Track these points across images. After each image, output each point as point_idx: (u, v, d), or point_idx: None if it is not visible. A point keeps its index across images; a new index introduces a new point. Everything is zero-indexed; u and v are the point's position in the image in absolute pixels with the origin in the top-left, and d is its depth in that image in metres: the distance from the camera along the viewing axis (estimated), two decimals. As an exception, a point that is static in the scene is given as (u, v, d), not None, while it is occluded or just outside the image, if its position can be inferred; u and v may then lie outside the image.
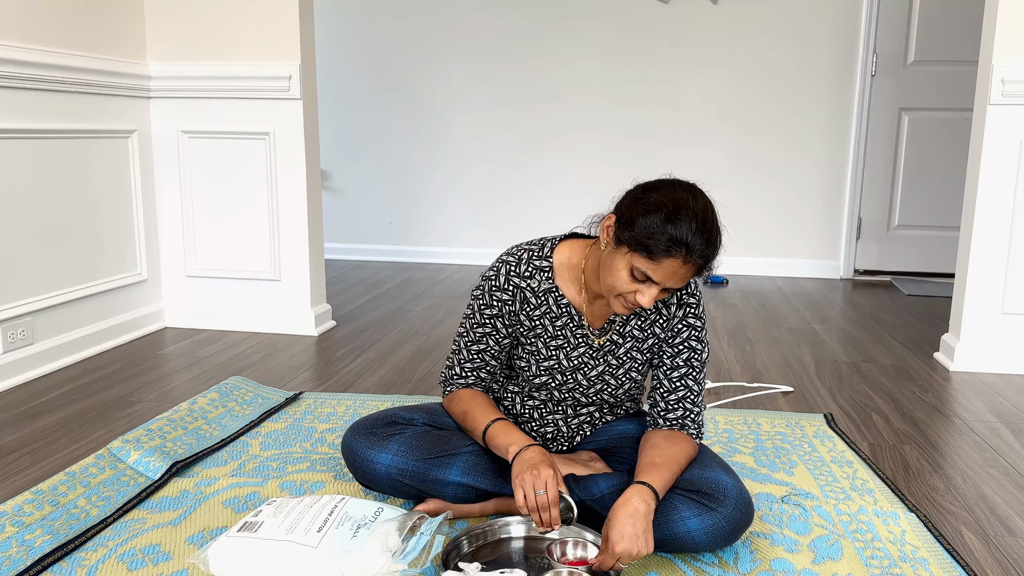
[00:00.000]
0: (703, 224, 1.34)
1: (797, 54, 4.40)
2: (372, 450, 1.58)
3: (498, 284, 1.56)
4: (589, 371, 1.59)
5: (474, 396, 1.59)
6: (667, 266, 1.34)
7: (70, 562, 1.45)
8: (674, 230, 1.32)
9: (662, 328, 1.56)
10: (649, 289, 1.37)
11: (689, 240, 1.32)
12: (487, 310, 1.57)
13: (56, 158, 2.66)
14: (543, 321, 1.57)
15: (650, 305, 1.37)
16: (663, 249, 1.32)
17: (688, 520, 1.40)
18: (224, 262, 3.16)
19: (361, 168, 4.88)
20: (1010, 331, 2.76)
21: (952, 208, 4.35)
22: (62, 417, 2.22)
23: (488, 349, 1.59)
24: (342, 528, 1.38)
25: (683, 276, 1.36)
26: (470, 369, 1.61)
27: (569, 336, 1.57)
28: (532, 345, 1.59)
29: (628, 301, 1.41)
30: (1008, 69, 2.62)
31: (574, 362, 1.58)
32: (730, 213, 4.55)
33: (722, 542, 1.43)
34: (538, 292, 1.56)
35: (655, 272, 1.35)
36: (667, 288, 1.38)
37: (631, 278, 1.37)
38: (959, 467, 1.97)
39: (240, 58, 3.01)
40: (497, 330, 1.58)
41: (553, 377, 1.60)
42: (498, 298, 1.56)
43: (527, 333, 1.58)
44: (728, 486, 1.43)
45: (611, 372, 1.59)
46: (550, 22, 4.54)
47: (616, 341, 1.58)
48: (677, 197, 1.36)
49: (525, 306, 1.56)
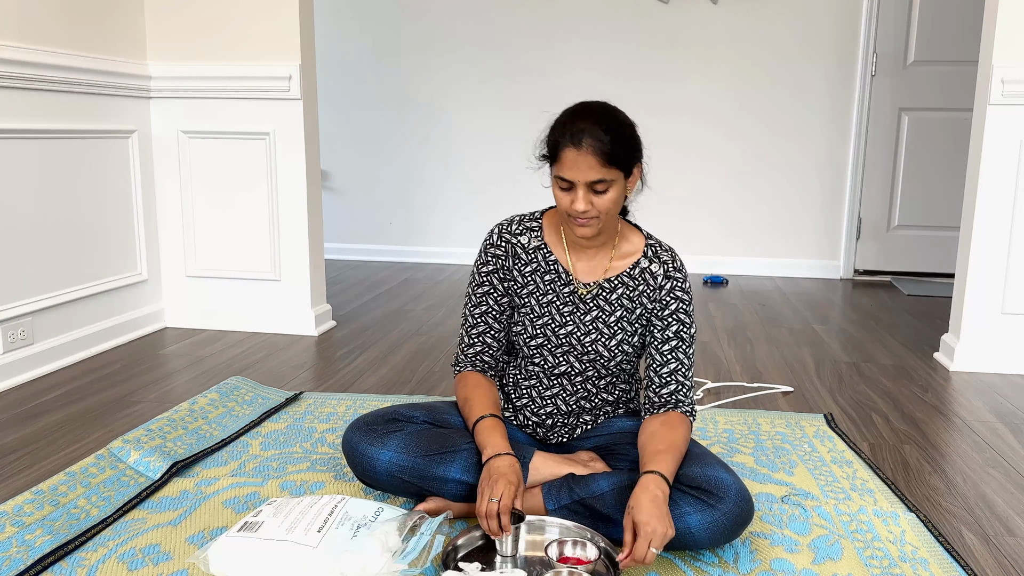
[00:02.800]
0: (589, 111, 1.48)
1: (797, 54, 4.40)
2: (372, 446, 1.59)
3: (492, 241, 1.66)
4: (583, 335, 1.62)
5: (479, 384, 1.63)
6: (567, 158, 1.45)
7: (70, 562, 1.45)
8: (560, 124, 1.49)
9: (650, 299, 1.61)
10: (576, 192, 1.48)
11: (574, 125, 1.45)
12: (484, 267, 1.66)
13: (56, 158, 2.66)
14: (534, 278, 1.64)
15: (585, 206, 1.47)
16: (557, 144, 1.47)
17: (688, 516, 1.40)
18: (224, 262, 3.16)
19: (361, 168, 4.88)
20: (1010, 331, 2.76)
21: (952, 208, 4.35)
22: (62, 417, 2.22)
23: (489, 311, 1.66)
24: (342, 528, 1.38)
25: (589, 165, 1.44)
26: (476, 335, 1.66)
27: (558, 291, 1.63)
28: (526, 305, 1.64)
29: (573, 215, 1.50)
30: (1008, 69, 2.62)
31: (565, 318, 1.63)
32: (730, 213, 4.60)
33: (722, 539, 1.43)
34: (528, 249, 1.64)
35: (564, 170, 1.47)
36: (593, 186, 1.46)
37: (561, 192, 1.50)
38: (959, 467, 1.97)
39: (240, 58, 3.01)
40: (495, 287, 1.65)
41: (548, 338, 1.63)
42: (493, 254, 1.65)
43: (520, 291, 1.65)
44: (728, 483, 1.43)
45: (603, 343, 1.61)
46: (551, 23, 4.54)
47: (603, 307, 1.62)
48: (569, 108, 1.52)
49: (517, 262, 1.64)
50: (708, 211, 4.59)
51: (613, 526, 1.46)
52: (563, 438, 1.70)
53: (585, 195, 1.47)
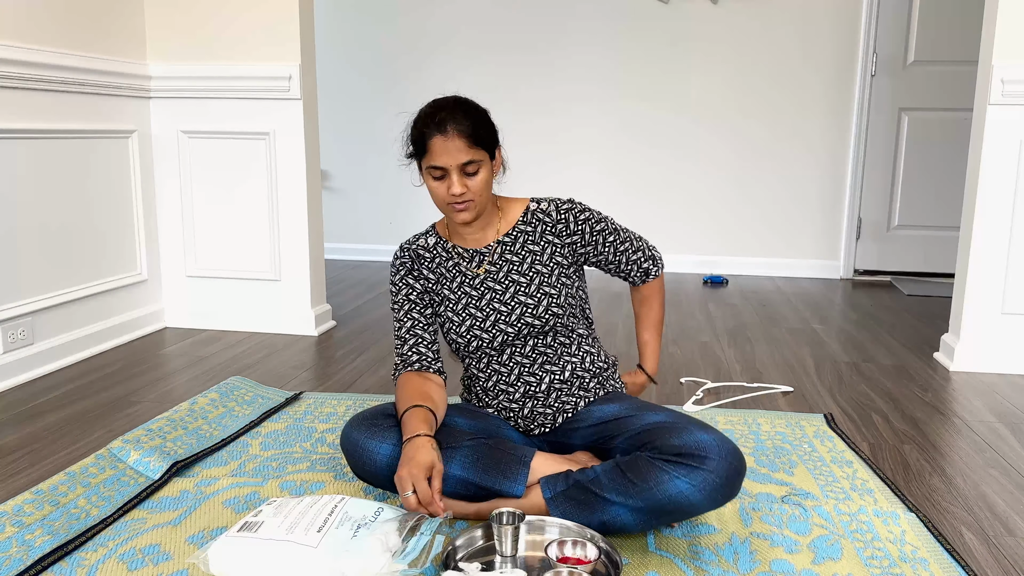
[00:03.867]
0: (446, 102, 1.59)
1: (797, 54, 4.40)
2: (373, 440, 1.58)
3: (397, 255, 1.76)
4: (503, 294, 1.67)
5: (404, 384, 1.66)
6: (436, 146, 1.55)
7: (70, 562, 1.45)
8: (420, 118, 1.59)
9: (555, 235, 1.69)
10: (450, 177, 1.56)
11: (435, 115, 1.55)
12: (396, 275, 1.74)
13: (56, 158, 2.66)
14: (440, 269, 1.73)
15: (461, 188, 1.56)
16: (423, 135, 1.57)
17: (677, 480, 1.41)
18: (224, 262, 3.16)
19: (361, 168, 4.88)
20: (1010, 331, 2.76)
21: (952, 208, 4.35)
22: (62, 417, 2.22)
23: (413, 307, 1.73)
24: (342, 528, 1.38)
25: (458, 147, 1.54)
26: (408, 349, 1.71)
27: (463, 270, 1.71)
28: (445, 299, 1.71)
29: (452, 201, 1.58)
30: (1008, 69, 2.62)
31: (479, 290, 1.68)
32: (730, 213, 4.60)
33: (719, 498, 1.42)
34: (428, 247, 1.75)
35: (435, 158, 1.56)
36: (464, 168, 1.55)
37: (435, 181, 1.59)
38: (959, 467, 1.97)
39: (240, 58, 3.01)
40: (412, 286, 1.73)
41: (473, 316, 1.68)
42: (401, 263, 1.75)
43: (435, 287, 1.73)
44: (707, 442, 1.43)
45: (523, 291, 1.67)
46: (550, 24, 4.55)
47: (511, 260, 1.68)
48: (424, 106, 1.61)
49: (422, 261, 1.74)
50: (708, 211, 4.59)
51: (610, 506, 1.46)
52: (546, 428, 1.71)
53: (459, 178, 1.56)
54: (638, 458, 1.47)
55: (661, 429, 1.50)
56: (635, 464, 1.46)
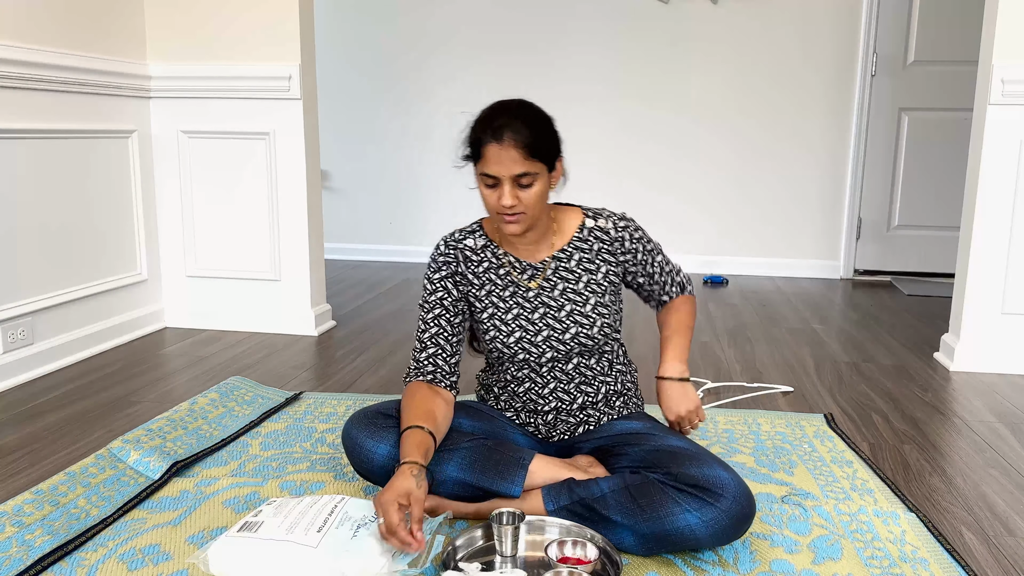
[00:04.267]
0: (506, 107, 1.51)
1: (797, 54, 4.40)
2: (371, 439, 1.59)
3: (440, 251, 1.68)
4: (557, 311, 1.63)
5: (415, 393, 1.59)
6: (490, 154, 1.48)
7: (70, 562, 1.45)
8: (479, 123, 1.52)
9: (611, 253, 1.66)
10: (502, 187, 1.49)
11: (494, 122, 1.48)
12: (436, 274, 1.67)
13: (56, 158, 2.66)
14: (489, 275, 1.66)
15: (512, 200, 1.49)
16: (479, 141, 1.50)
17: (688, 514, 1.40)
18: (224, 262, 3.16)
19: (361, 168, 4.88)
20: (1010, 331, 2.76)
21: (952, 208, 4.35)
22: (62, 417, 2.22)
23: (444, 313, 1.65)
24: (342, 528, 1.38)
25: (512, 158, 1.47)
26: (426, 358, 1.64)
27: (517, 281, 1.65)
28: (490, 305, 1.65)
29: (502, 212, 1.52)
30: (1008, 69, 2.62)
31: (533, 303, 1.63)
32: (730, 213, 4.60)
33: (724, 538, 1.42)
34: (476, 249, 1.67)
35: (489, 166, 1.49)
36: (518, 180, 1.48)
37: (487, 189, 1.52)
38: (959, 467, 1.97)
39: (240, 58, 3.01)
40: (448, 291, 1.65)
41: (524, 328, 1.63)
42: (443, 261, 1.66)
43: (479, 292, 1.65)
44: (726, 480, 1.43)
45: (579, 310, 1.63)
46: (550, 24, 4.54)
47: (567, 277, 1.64)
48: (486, 108, 1.55)
49: (468, 264, 1.66)
50: (708, 211, 4.59)
51: (613, 527, 1.46)
52: (565, 435, 1.70)
53: (511, 190, 1.49)
54: (650, 483, 1.45)
55: (680, 455, 1.49)
56: (646, 489, 1.44)
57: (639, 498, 1.44)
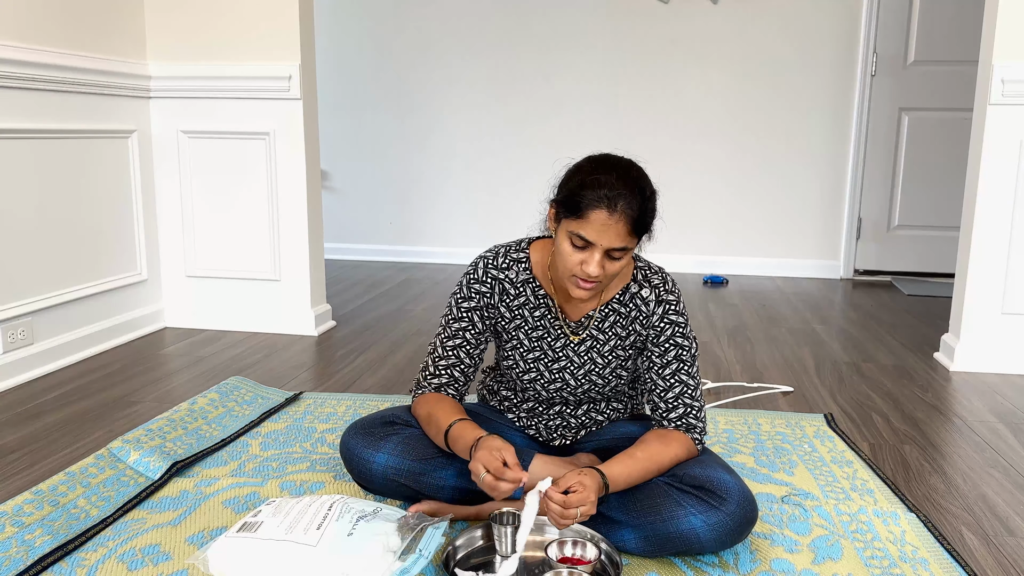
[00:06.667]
0: (625, 172, 1.39)
1: (797, 54, 4.40)
2: (368, 449, 1.59)
3: (476, 276, 1.59)
4: (576, 369, 1.60)
5: (440, 399, 1.57)
6: (596, 220, 1.36)
7: (70, 562, 1.45)
8: (593, 180, 1.37)
9: (643, 325, 1.57)
10: (591, 254, 1.38)
11: (610, 187, 1.35)
12: (464, 303, 1.60)
13: (56, 158, 2.66)
14: (523, 311, 1.59)
15: (598, 272, 1.38)
16: (587, 201, 1.36)
17: (692, 517, 1.40)
18: (224, 262, 3.16)
19: (361, 168, 4.88)
20: (1010, 331, 2.76)
21: (952, 208, 4.35)
22: (62, 417, 2.22)
23: (464, 344, 1.60)
24: (342, 520, 1.38)
25: (617, 232, 1.37)
26: (444, 367, 1.60)
27: (548, 327, 1.59)
28: (515, 339, 1.61)
29: (579, 276, 1.41)
30: (1008, 69, 2.62)
31: (557, 353, 1.59)
32: (730, 213, 4.60)
33: (727, 541, 1.42)
34: (516, 283, 1.59)
35: (587, 230, 1.36)
36: (610, 251, 1.38)
37: (572, 248, 1.40)
38: (959, 467, 1.97)
39: (240, 58, 3.01)
40: (474, 324, 1.60)
41: (540, 373, 1.62)
42: (476, 290, 1.59)
43: (508, 325, 1.60)
44: (730, 484, 1.43)
45: (598, 371, 1.60)
46: (550, 23, 4.54)
47: (597, 337, 1.59)
48: (598, 159, 1.43)
49: (504, 297, 1.59)
50: (708, 211, 4.59)
51: (615, 527, 1.46)
52: (567, 440, 1.71)
53: (601, 260, 1.39)
54: (654, 485, 1.45)
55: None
56: (650, 491, 1.44)
57: (642, 498, 1.44)
